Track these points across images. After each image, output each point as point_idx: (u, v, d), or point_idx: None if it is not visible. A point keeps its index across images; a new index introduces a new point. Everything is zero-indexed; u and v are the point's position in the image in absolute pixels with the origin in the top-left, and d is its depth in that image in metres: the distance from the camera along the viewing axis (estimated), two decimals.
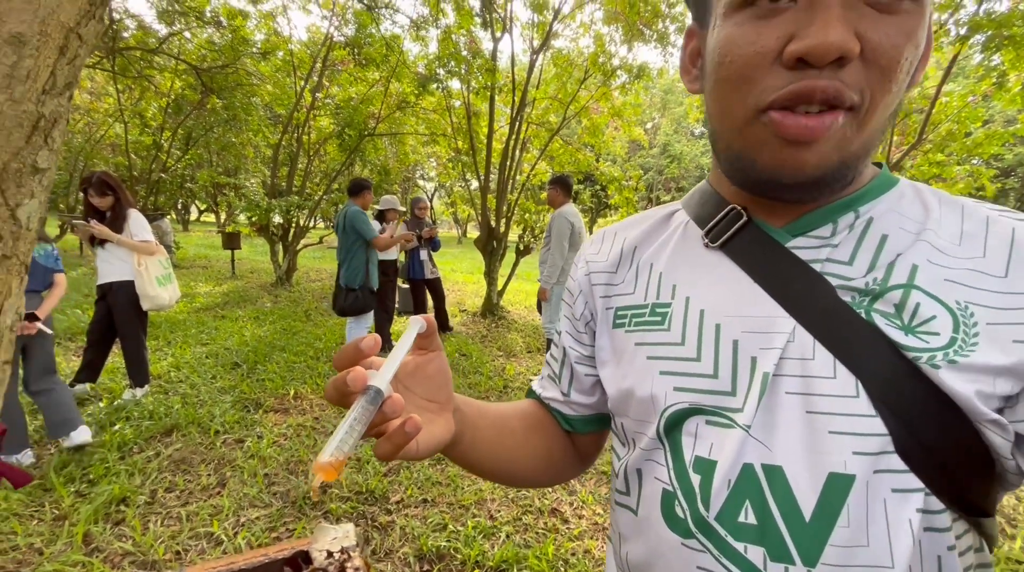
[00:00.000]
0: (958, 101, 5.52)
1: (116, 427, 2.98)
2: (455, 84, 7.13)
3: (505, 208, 6.91)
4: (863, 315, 0.40)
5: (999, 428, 0.37)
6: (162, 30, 8.59)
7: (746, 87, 0.39)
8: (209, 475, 2.61)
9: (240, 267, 10.21)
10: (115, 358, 3.79)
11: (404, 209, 5.21)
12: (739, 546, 0.40)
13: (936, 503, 0.38)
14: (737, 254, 0.46)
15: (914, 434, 0.37)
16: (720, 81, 0.41)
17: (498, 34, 6.57)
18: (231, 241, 9.34)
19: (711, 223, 0.49)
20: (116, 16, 7.76)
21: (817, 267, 0.42)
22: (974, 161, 7.01)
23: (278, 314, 6.30)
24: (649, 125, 28.40)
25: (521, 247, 7.15)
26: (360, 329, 4.25)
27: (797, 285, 0.42)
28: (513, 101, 6.58)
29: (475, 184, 7.65)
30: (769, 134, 0.39)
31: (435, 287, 5.68)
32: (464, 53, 6.52)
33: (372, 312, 4.36)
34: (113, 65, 8.04)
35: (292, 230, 8.31)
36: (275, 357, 4.49)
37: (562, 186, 4.32)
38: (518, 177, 7.38)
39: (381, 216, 4.88)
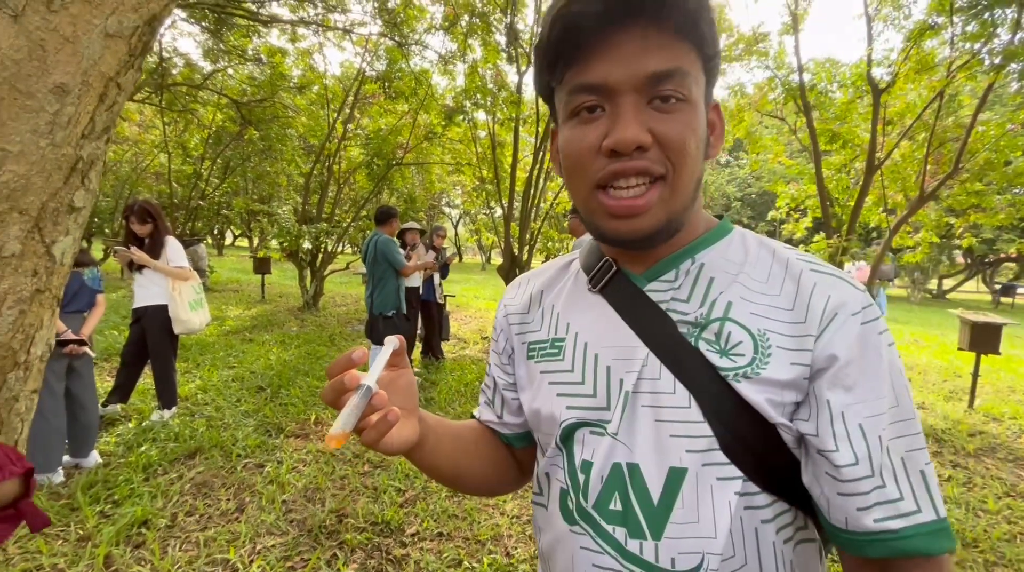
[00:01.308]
0: (996, 129, 5.36)
1: (142, 448, 3.04)
2: (481, 116, 7.32)
3: (528, 236, 6.95)
4: (693, 343, 0.51)
5: (786, 429, 0.49)
6: (207, 67, 9.13)
7: (581, 170, 0.51)
8: (228, 500, 2.62)
9: (269, 291, 10.48)
10: (146, 379, 3.90)
11: (423, 228, 5.42)
12: (609, 528, 0.51)
13: (753, 487, 0.48)
14: (610, 296, 0.58)
15: (731, 434, 0.49)
16: (566, 168, 0.54)
17: (523, 68, 6.74)
18: (262, 266, 9.62)
19: (593, 272, 0.61)
20: (166, 55, 8.28)
21: (664, 306, 0.54)
22: (1015, 190, 6.76)
23: (304, 338, 6.40)
24: None
25: None
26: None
27: (649, 321, 0.54)
28: (537, 131, 6.69)
29: (499, 212, 7.74)
30: (604, 209, 0.51)
31: (441, 312, 5.83)
32: (490, 86, 6.71)
33: None
34: (161, 100, 8.54)
35: (320, 256, 8.52)
36: (298, 381, 4.55)
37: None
38: (541, 205, 7.44)
39: (402, 237, 4.99)
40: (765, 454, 0.49)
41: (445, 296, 5.86)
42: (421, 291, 5.63)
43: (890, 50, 5.69)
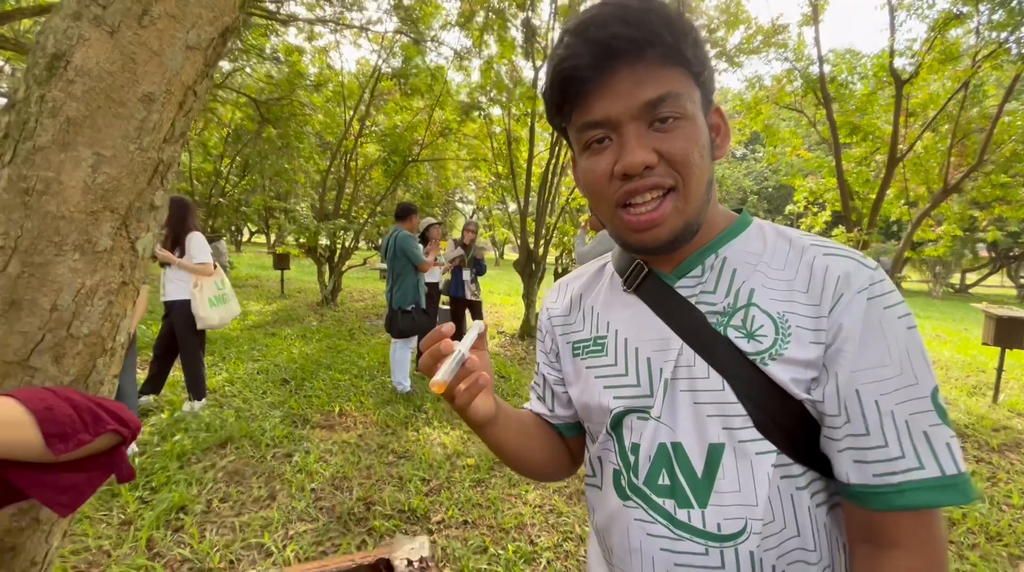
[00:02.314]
0: (1023, 120, 5.26)
1: (176, 438, 3.15)
2: (496, 111, 7.35)
3: (544, 231, 6.98)
4: (722, 331, 0.57)
5: (810, 404, 0.54)
6: (226, 66, 9.27)
7: (600, 194, 0.58)
8: (260, 487, 2.71)
9: (288, 287, 10.65)
10: (176, 372, 4.02)
11: (439, 221, 5.41)
12: (659, 500, 0.57)
13: (787, 459, 0.54)
14: (644, 295, 0.64)
15: (763, 412, 0.54)
16: (588, 193, 0.61)
17: (539, 63, 6.75)
18: (281, 262, 9.78)
19: (626, 274, 0.67)
20: None
21: (693, 300, 0.60)
22: None
23: (324, 333, 6.52)
24: None
25: (560, 270, 7.17)
26: (405, 349, 4.34)
27: (680, 315, 0.60)
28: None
29: (512, 207, 7.77)
30: (626, 225, 0.57)
31: (475, 310, 5.77)
32: (505, 81, 6.73)
33: (420, 334, 4.47)
34: None
35: (338, 251, 8.64)
36: (321, 374, 4.65)
37: None
38: (557, 200, 7.46)
39: (424, 235, 5.04)
40: (794, 428, 0.54)
41: (476, 293, 5.74)
42: (445, 287, 5.67)
43: (913, 40, 5.61)
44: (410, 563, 0.63)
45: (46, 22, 0.64)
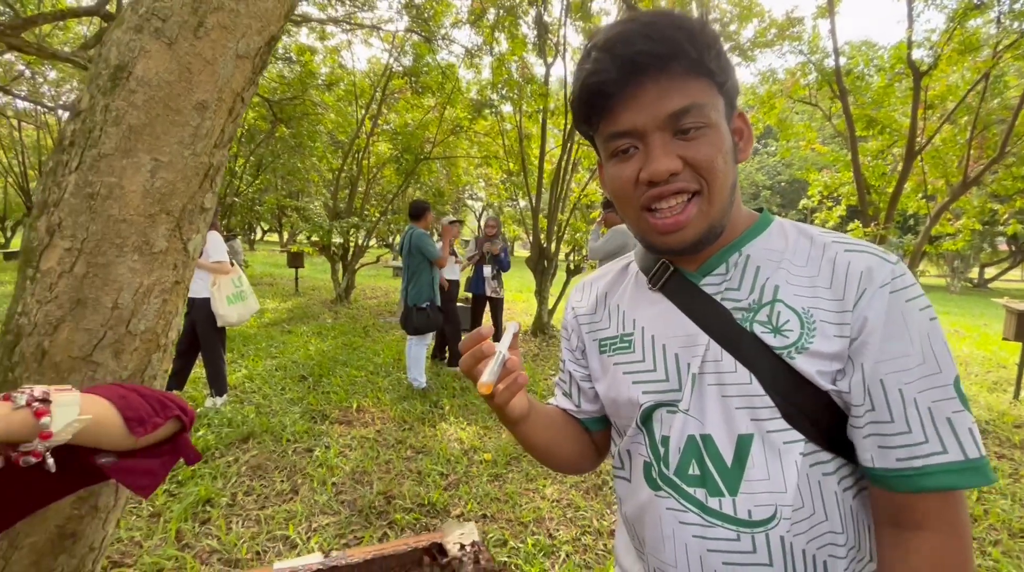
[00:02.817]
0: None
1: (200, 433, 3.22)
2: (507, 108, 7.35)
3: (556, 228, 6.99)
4: (748, 327, 0.59)
5: (836, 394, 0.56)
6: None
7: (626, 199, 0.61)
8: (283, 481, 2.77)
9: (303, 284, 10.77)
10: (198, 368, 4.10)
11: (459, 219, 5.40)
12: (690, 490, 0.59)
13: (815, 447, 0.56)
14: (669, 293, 0.66)
15: (790, 403, 0.56)
16: (615, 198, 0.63)
17: (550, 59, 6.74)
18: (295, 260, 9.89)
19: (651, 273, 0.69)
20: None
21: (718, 297, 0.62)
22: None
23: (339, 330, 6.60)
24: None
25: (572, 266, 7.18)
26: (420, 346, 4.39)
27: (706, 312, 0.62)
28: (565, 123, 6.70)
29: (523, 203, 7.78)
30: (652, 227, 0.60)
31: (495, 307, 5.73)
32: (517, 78, 6.73)
33: (435, 331, 4.52)
34: None
35: (351, 250, 8.71)
36: (338, 371, 4.71)
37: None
38: (569, 197, 7.46)
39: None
40: (821, 418, 0.56)
41: (498, 290, 5.64)
42: (466, 284, 5.66)
43: (931, 31, 5.52)
44: (463, 547, 0.66)
45: (107, 35, 0.67)
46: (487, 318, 5.94)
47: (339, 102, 9.49)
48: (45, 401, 0.53)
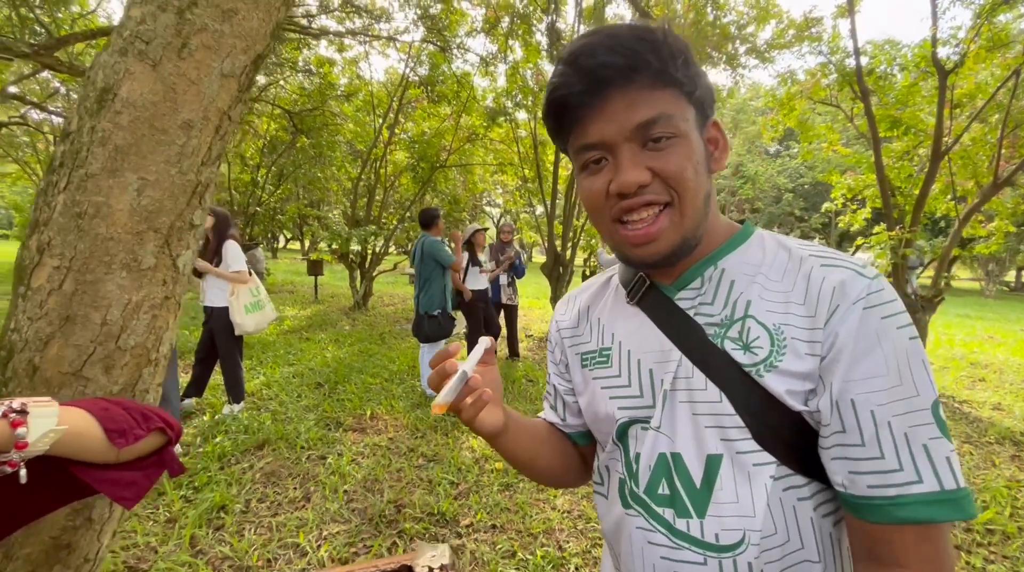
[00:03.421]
0: None
1: (217, 439, 3.28)
2: (522, 115, 7.37)
3: (571, 234, 6.96)
4: (719, 344, 0.57)
5: (808, 415, 0.53)
6: (261, 79, 9.62)
7: (598, 211, 0.60)
8: (295, 488, 2.80)
9: (322, 292, 10.94)
10: (216, 376, 4.19)
11: (485, 227, 5.44)
12: (659, 509, 0.58)
13: (788, 470, 0.53)
14: (646, 307, 0.65)
15: (761, 423, 0.54)
16: (588, 210, 0.62)
17: None
18: (315, 268, 10.06)
19: (629, 287, 0.68)
20: None
21: (692, 312, 0.60)
22: None
23: (356, 337, 6.67)
24: None
25: (587, 273, 7.14)
26: (432, 353, 4.41)
27: (680, 327, 0.61)
28: None
29: (539, 210, 7.77)
30: (624, 240, 0.58)
31: (510, 314, 5.77)
32: (531, 85, 6.75)
33: (446, 338, 4.52)
34: None
35: (369, 257, 8.83)
36: (353, 378, 4.76)
37: None
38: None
39: (470, 241, 5.10)
40: (794, 441, 0.54)
41: (512, 297, 5.69)
42: (490, 293, 5.67)
43: (957, 28, 5.34)
44: (431, 570, 0.65)
45: (96, 59, 0.69)
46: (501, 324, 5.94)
47: (357, 112, 9.67)
48: (22, 412, 0.54)
